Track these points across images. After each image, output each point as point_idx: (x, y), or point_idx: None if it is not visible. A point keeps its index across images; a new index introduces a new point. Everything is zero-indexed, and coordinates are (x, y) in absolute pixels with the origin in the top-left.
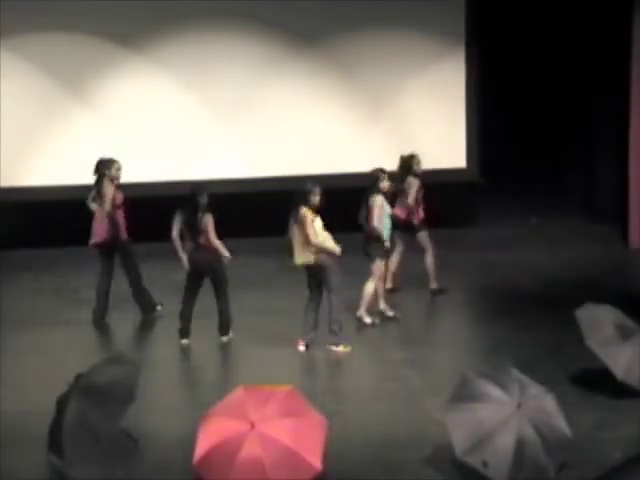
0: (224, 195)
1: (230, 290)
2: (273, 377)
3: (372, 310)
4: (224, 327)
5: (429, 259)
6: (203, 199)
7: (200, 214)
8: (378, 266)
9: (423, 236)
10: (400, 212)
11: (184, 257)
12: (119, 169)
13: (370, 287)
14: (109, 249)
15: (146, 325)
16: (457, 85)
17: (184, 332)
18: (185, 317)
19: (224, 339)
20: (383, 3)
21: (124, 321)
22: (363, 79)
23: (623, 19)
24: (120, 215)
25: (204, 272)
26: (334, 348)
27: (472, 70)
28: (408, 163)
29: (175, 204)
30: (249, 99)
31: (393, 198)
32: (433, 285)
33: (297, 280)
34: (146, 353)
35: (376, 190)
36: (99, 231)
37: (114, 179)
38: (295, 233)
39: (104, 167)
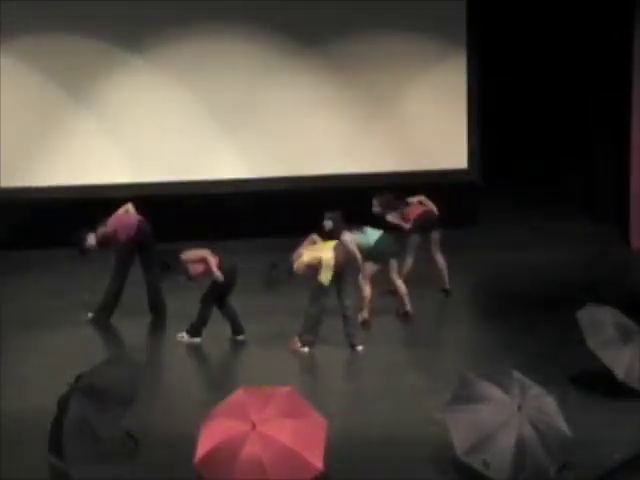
0: (225, 195)
1: None
2: (274, 378)
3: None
4: (241, 326)
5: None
6: None
7: None
8: (366, 269)
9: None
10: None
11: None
12: None
13: (366, 289)
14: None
15: (146, 326)
16: (458, 86)
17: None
18: (207, 320)
19: (242, 337)
20: (384, 5)
21: (124, 322)
22: (365, 80)
23: (623, 19)
24: None
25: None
26: (360, 348)
27: (473, 71)
28: None
29: (175, 204)
30: (249, 100)
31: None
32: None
33: (297, 280)
34: (146, 354)
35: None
36: (132, 226)
37: None
38: None
39: None
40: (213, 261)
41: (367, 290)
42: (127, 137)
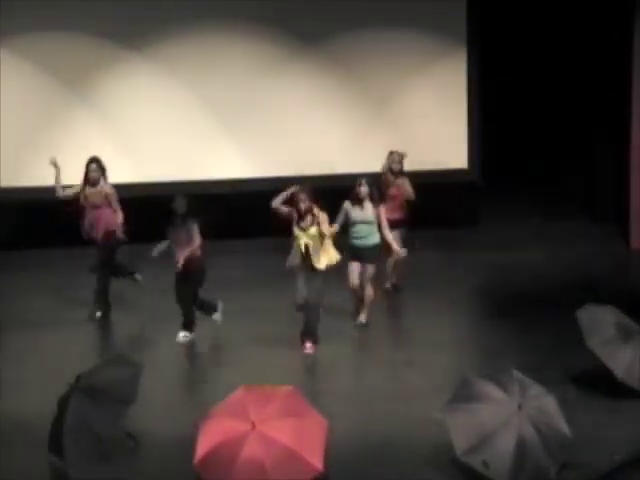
0: (224, 195)
1: (230, 290)
2: (273, 378)
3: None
4: (213, 305)
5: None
6: None
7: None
8: (368, 270)
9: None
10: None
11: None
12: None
13: (370, 291)
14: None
15: (146, 325)
16: (458, 85)
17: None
18: (188, 312)
19: (217, 316)
20: (384, 3)
21: (124, 321)
22: (364, 79)
23: (624, 19)
24: None
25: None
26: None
27: (473, 70)
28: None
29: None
30: (249, 99)
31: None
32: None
33: None
34: (146, 353)
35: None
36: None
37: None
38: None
39: None
40: (182, 253)
41: (370, 291)
42: (127, 136)
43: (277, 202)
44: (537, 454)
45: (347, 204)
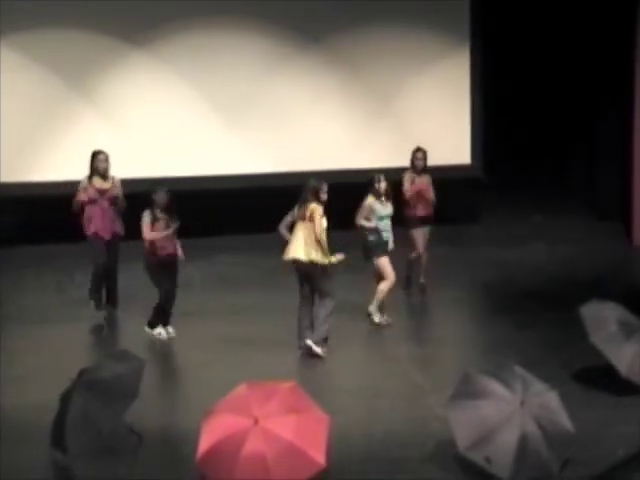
0: (227, 191)
1: (231, 287)
2: (275, 374)
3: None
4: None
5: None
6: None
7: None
8: (381, 264)
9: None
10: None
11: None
12: None
13: (384, 286)
14: None
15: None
16: (461, 82)
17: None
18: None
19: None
20: (387, 1)
21: (126, 317)
22: (368, 76)
23: (627, 18)
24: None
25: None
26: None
27: (476, 67)
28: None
29: (179, 200)
30: (253, 96)
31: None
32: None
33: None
34: (147, 350)
35: (370, 191)
36: None
37: None
38: (299, 229)
39: None
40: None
41: (383, 287)
42: (129, 133)
43: (282, 228)
44: (539, 450)
45: (372, 200)
